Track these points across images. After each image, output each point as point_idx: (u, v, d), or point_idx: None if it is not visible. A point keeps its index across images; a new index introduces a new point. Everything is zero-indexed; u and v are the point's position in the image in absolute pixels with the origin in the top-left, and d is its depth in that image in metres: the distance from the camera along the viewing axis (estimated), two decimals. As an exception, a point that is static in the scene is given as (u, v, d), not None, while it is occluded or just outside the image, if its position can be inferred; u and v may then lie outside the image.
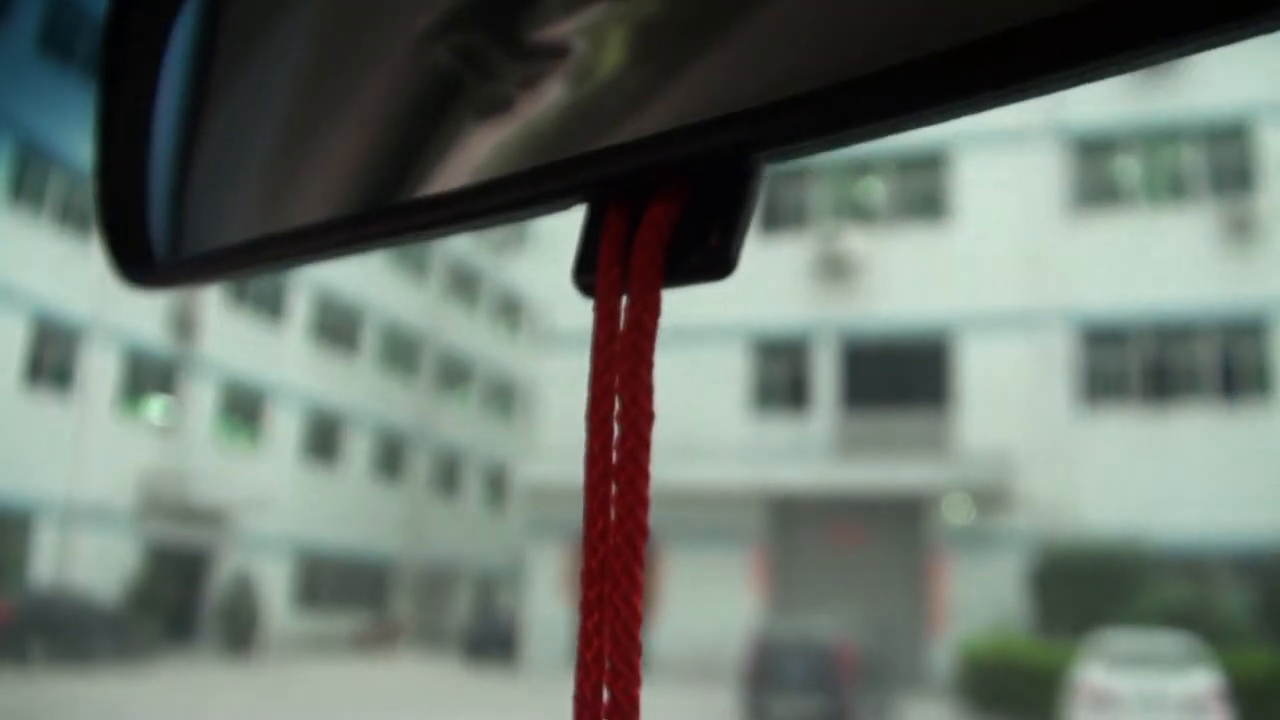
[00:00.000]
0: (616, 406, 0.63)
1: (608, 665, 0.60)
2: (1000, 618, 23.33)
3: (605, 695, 0.60)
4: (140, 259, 0.91)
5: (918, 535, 25.64)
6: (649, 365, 0.63)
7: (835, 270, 27.22)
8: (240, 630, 29.66)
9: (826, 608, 20.50)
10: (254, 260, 0.85)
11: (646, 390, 0.62)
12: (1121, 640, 16.43)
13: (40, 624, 22.53)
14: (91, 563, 27.17)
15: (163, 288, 0.95)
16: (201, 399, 31.41)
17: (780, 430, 27.07)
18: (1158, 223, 25.34)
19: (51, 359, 27.25)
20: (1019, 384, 25.30)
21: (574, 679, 0.62)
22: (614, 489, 0.62)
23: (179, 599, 29.94)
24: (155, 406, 30.47)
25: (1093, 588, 21.39)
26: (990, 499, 24.64)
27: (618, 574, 0.61)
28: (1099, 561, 21.85)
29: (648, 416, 0.62)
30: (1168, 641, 16.22)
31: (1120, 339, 25.08)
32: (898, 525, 25.79)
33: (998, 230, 26.29)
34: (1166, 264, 24.90)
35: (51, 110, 26.15)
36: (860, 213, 28.04)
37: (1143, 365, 24.90)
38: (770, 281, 27.91)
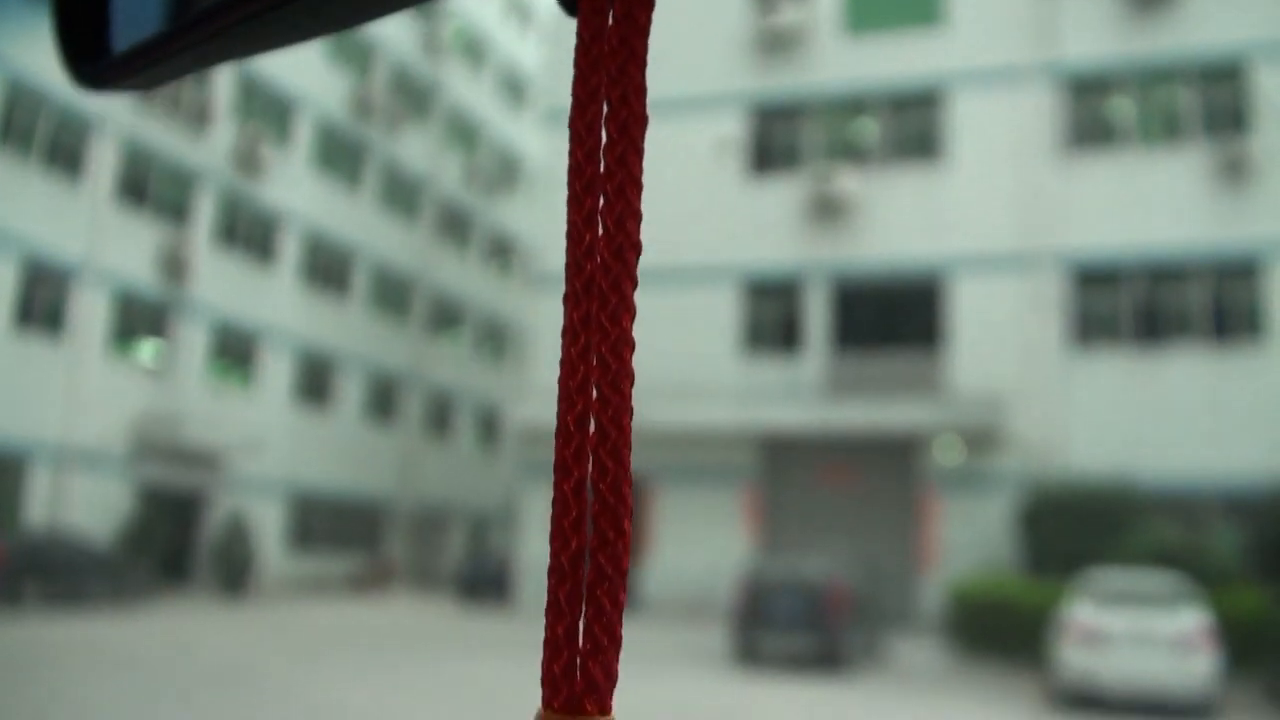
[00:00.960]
0: (604, 110, 0.58)
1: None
2: (990, 557, 23.50)
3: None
4: (94, 56, 0.84)
5: (908, 475, 25.77)
6: (641, 65, 0.58)
7: (827, 211, 27.12)
8: (234, 572, 29.78)
9: (817, 547, 20.61)
10: (208, 47, 0.77)
11: (638, 91, 0.58)
12: (1110, 579, 16.54)
13: (35, 566, 22.59)
14: (85, 505, 27.23)
15: (117, 86, 0.88)
16: (193, 341, 31.33)
17: (772, 371, 27.09)
18: (1151, 163, 25.25)
19: (42, 301, 27.12)
20: (1010, 325, 25.31)
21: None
22: (601, 201, 0.59)
23: (173, 541, 30.03)
24: (147, 349, 30.39)
25: (1082, 528, 21.51)
26: (981, 439, 24.73)
27: (606, 291, 0.59)
28: (1089, 502, 21.96)
29: (639, 120, 0.58)
30: (1157, 580, 16.33)
31: (1112, 280, 25.06)
32: (889, 465, 25.91)
33: (991, 170, 26.19)
34: (1159, 205, 24.85)
35: (40, 48, 25.88)
36: (853, 153, 27.89)
37: (1134, 306, 24.90)
38: (762, 222, 27.83)
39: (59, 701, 11.76)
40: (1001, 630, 19.98)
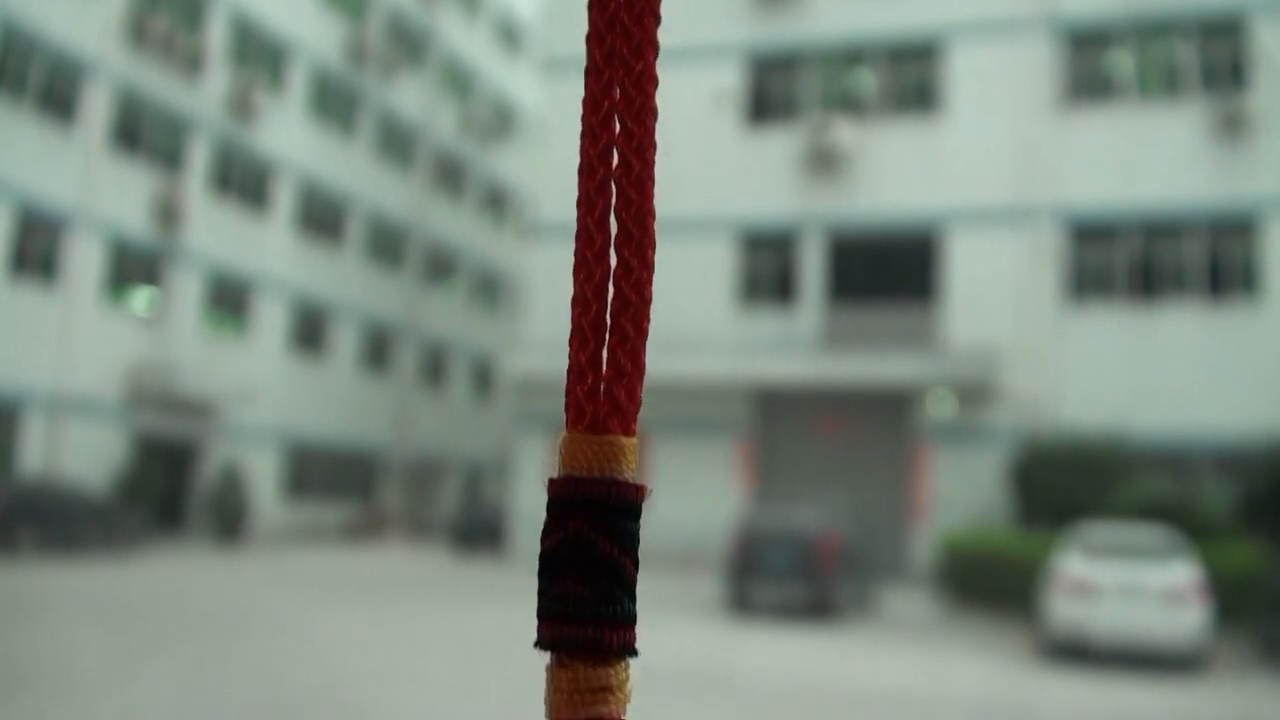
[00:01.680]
0: None
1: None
2: (981, 510, 23.62)
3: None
4: None
5: (901, 428, 25.84)
6: None
7: (824, 163, 27.01)
8: (228, 520, 29.88)
9: (810, 499, 20.67)
10: None
11: None
12: (1101, 532, 16.62)
13: (29, 513, 22.66)
14: (79, 454, 27.26)
15: None
16: (186, 290, 31.24)
17: (767, 324, 27.09)
18: (1149, 118, 25.13)
19: (35, 249, 26.99)
20: (1006, 279, 25.29)
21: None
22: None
23: (167, 489, 30.11)
24: (140, 297, 30.31)
25: (1074, 482, 21.59)
26: (974, 393, 24.79)
27: (629, 26, 0.60)
28: (1080, 455, 22.04)
29: None
30: (1147, 533, 16.41)
31: (1108, 235, 25.02)
32: (882, 418, 25.98)
33: (988, 123, 26.06)
34: (1156, 160, 24.77)
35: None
36: (850, 104, 27.74)
37: (1130, 262, 24.88)
38: (758, 174, 27.73)
39: (53, 646, 11.82)
40: (991, 582, 20.11)
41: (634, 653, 0.53)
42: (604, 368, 0.58)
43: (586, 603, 0.52)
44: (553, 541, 0.54)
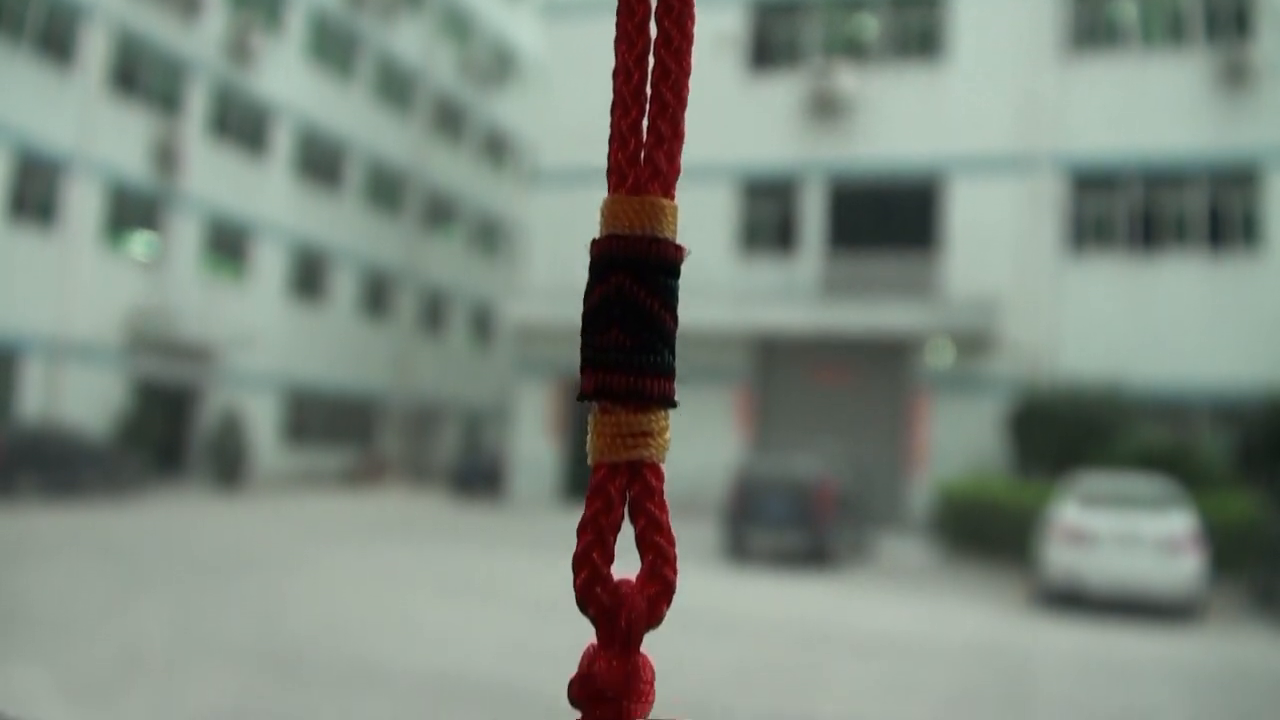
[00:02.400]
0: None
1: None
2: (979, 459, 23.69)
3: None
4: None
5: (900, 377, 25.86)
6: None
7: (826, 109, 26.84)
8: (228, 465, 29.97)
9: (808, 448, 20.73)
10: None
11: None
12: (1098, 481, 16.67)
13: (29, 458, 22.72)
14: (79, 399, 27.29)
15: None
16: (185, 235, 31.15)
17: (767, 272, 27.04)
18: (1152, 67, 24.95)
19: (34, 193, 26.89)
20: (1007, 228, 25.21)
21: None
22: None
23: (167, 434, 30.19)
24: (139, 242, 30.23)
25: (1072, 431, 21.64)
26: (974, 343, 24.78)
27: None
28: (1079, 406, 22.08)
29: None
30: (1145, 483, 16.46)
31: (1109, 185, 24.92)
32: (881, 367, 25.99)
33: (990, 70, 25.87)
34: (1159, 109, 24.63)
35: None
36: (853, 50, 27.52)
37: (1130, 212, 24.80)
38: (759, 120, 27.56)
39: (54, 588, 11.90)
40: (988, 530, 20.20)
41: (673, 404, 0.55)
42: (644, 135, 0.60)
43: (628, 353, 0.54)
44: (595, 297, 0.55)
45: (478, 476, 31.86)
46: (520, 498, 28.12)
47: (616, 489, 0.54)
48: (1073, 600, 15.21)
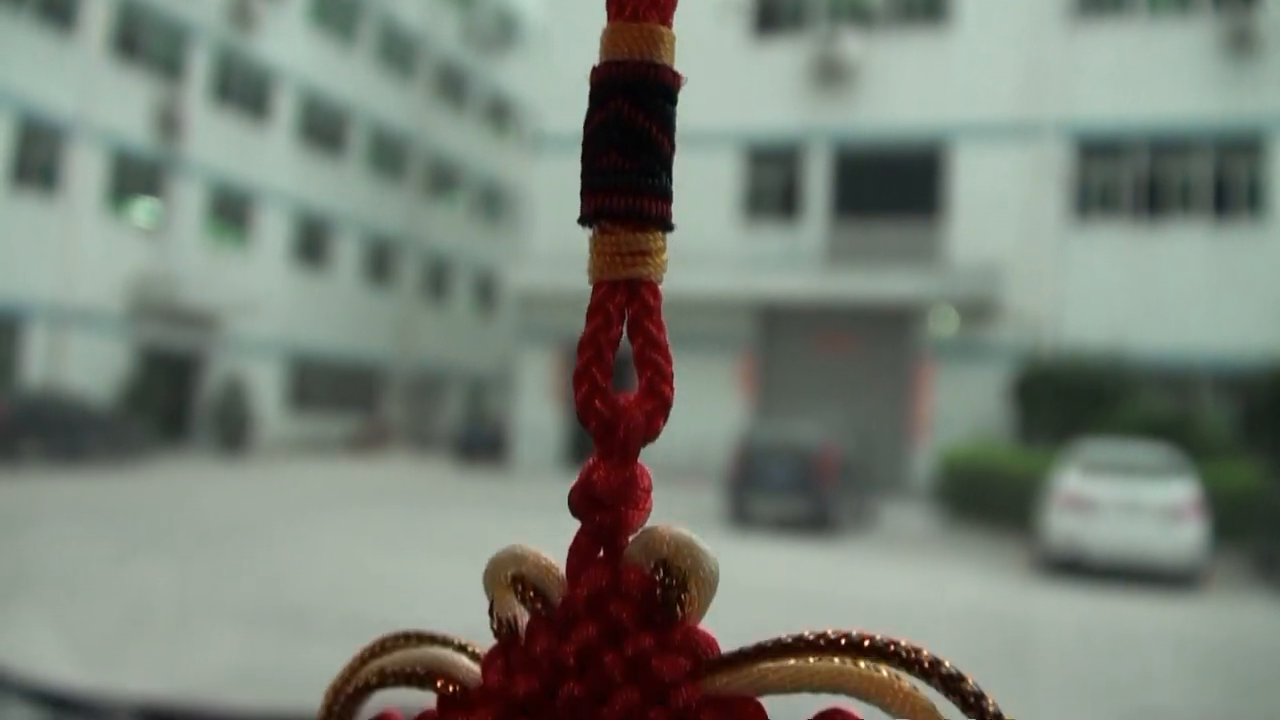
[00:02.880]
0: None
1: None
2: (982, 427, 23.70)
3: None
4: None
5: (904, 345, 25.85)
6: None
7: (831, 75, 26.72)
8: (232, 431, 30.03)
9: (811, 415, 20.74)
10: None
11: None
12: (1101, 449, 16.68)
13: (33, 424, 22.75)
14: (83, 365, 27.31)
15: None
16: (188, 201, 31.09)
17: (770, 239, 26.98)
18: (1158, 34, 24.81)
19: (36, 159, 26.82)
20: (1011, 196, 25.13)
21: None
22: None
23: (171, 401, 30.23)
24: (142, 208, 30.18)
25: (1075, 399, 21.63)
26: (977, 311, 24.75)
27: None
28: (1082, 374, 22.07)
29: None
30: (1147, 451, 16.48)
31: (1114, 152, 24.82)
32: (884, 335, 25.97)
33: (996, 36, 25.73)
34: (1165, 77, 24.50)
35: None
36: (858, 15, 27.36)
37: (1135, 180, 24.71)
38: (764, 86, 27.43)
39: (58, 552, 11.95)
40: (990, 497, 20.22)
41: (670, 226, 0.55)
42: None
43: (627, 175, 0.54)
44: (595, 123, 0.56)
45: (481, 443, 31.92)
46: (523, 464, 28.17)
47: (615, 306, 0.55)
48: (1074, 568, 15.25)
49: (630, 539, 0.53)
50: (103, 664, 7.29)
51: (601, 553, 0.54)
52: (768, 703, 0.48)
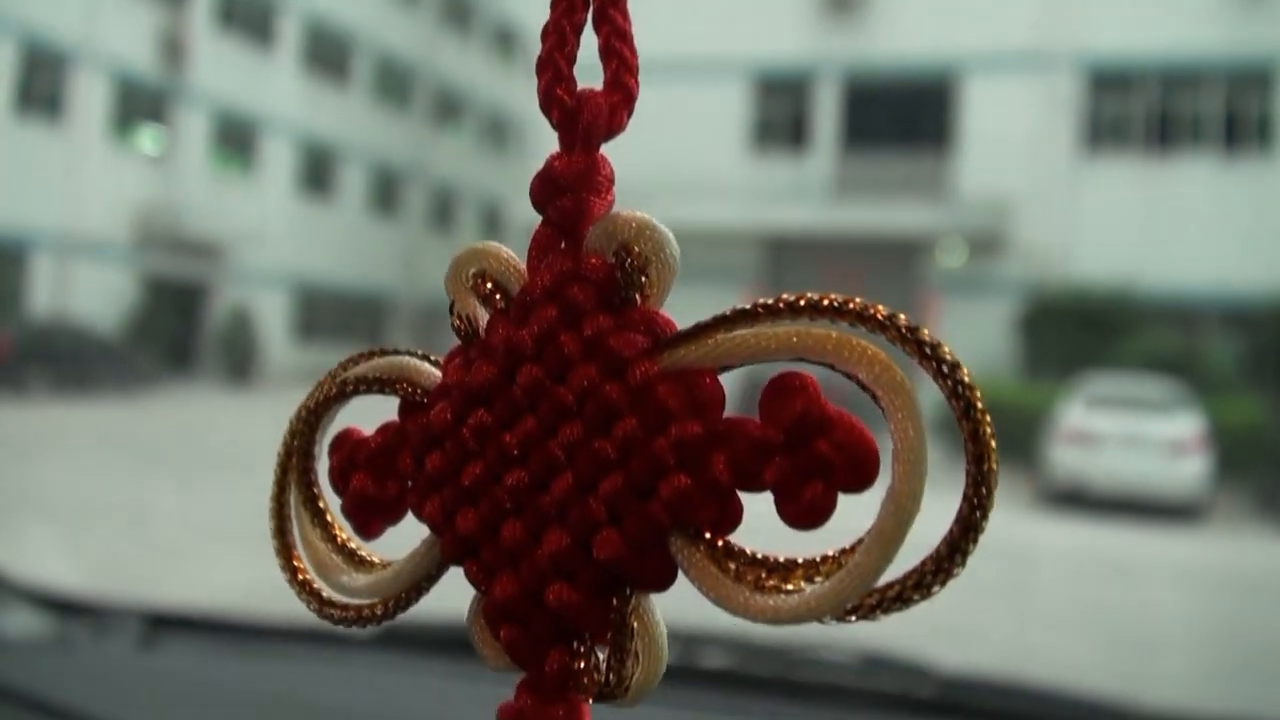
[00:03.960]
0: None
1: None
2: (988, 360, 23.67)
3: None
4: None
5: (911, 278, 25.76)
6: None
7: (841, 3, 26.40)
8: (238, 361, 30.09)
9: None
10: None
11: None
12: (1106, 383, 16.69)
13: (40, 353, 22.80)
14: (89, 295, 27.31)
15: None
16: (193, 129, 30.92)
17: (778, 171, 26.82)
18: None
19: (40, 86, 26.65)
20: (1021, 128, 24.92)
21: None
22: None
23: (177, 331, 30.25)
24: (147, 136, 30.03)
25: (1081, 333, 21.60)
26: (986, 244, 24.65)
27: None
28: (1089, 308, 22.01)
29: None
30: (1152, 385, 16.49)
31: (1126, 84, 24.57)
32: (892, 267, 25.88)
33: (1010, -34, 25.38)
34: (1178, 6, 24.17)
35: None
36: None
37: (1146, 112, 24.48)
38: (773, 15, 27.12)
39: (68, 481, 12.03)
40: (996, 431, 20.16)
41: None
42: None
43: None
44: None
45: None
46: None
47: None
48: (1077, 500, 15.31)
49: (591, 227, 0.53)
50: (111, 580, 7.37)
51: (563, 245, 0.54)
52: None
